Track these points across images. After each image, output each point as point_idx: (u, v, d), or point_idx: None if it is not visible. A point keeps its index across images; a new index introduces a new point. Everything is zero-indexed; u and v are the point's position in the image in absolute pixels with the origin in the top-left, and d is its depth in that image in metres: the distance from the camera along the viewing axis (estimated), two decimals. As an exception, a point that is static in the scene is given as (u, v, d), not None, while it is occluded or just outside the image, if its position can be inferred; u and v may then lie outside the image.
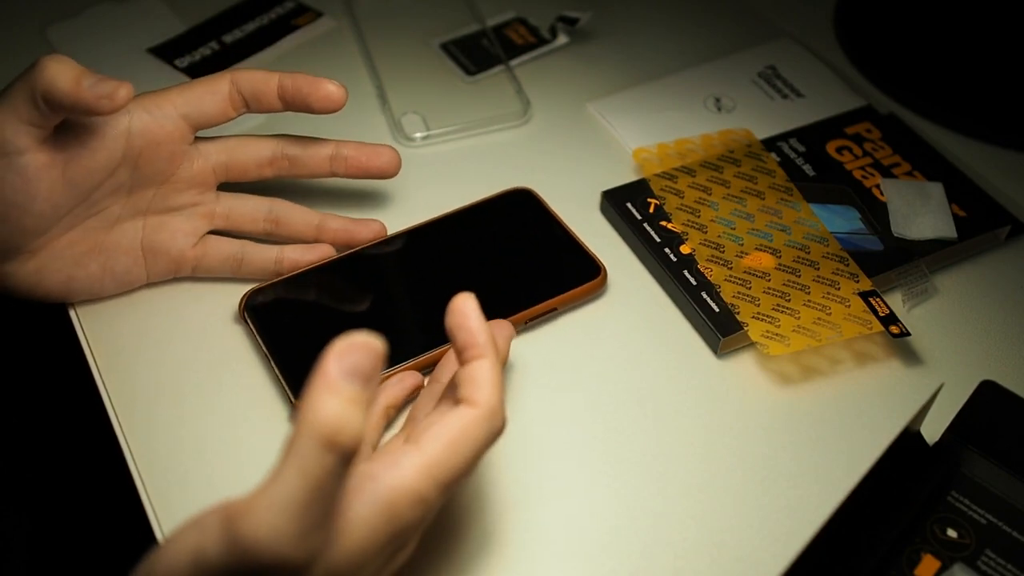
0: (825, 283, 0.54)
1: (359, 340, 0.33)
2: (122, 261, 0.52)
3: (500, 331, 0.48)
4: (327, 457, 0.32)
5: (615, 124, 0.65)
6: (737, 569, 0.44)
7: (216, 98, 0.51)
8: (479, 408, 0.38)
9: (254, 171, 0.54)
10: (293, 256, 0.54)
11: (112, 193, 0.50)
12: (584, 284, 0.54)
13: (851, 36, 0.72)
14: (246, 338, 0.52)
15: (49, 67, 0.44)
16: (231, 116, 0.52)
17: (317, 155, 0.54)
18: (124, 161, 0.49)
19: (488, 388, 0.39)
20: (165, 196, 0.52)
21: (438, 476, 0.37)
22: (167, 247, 0.53)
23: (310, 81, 0.52)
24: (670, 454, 0.48)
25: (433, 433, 0.37)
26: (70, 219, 0.49)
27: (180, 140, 0.51)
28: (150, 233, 0.52)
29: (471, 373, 0.39)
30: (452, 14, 0.72)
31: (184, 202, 0.53)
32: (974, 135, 0.66)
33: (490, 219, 0.57)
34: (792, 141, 0.62)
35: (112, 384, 0.50)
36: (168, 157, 0.51)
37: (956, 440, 0.47)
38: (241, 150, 0.53)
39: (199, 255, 0.53)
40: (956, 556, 0.44)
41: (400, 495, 0.36)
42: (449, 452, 0.37)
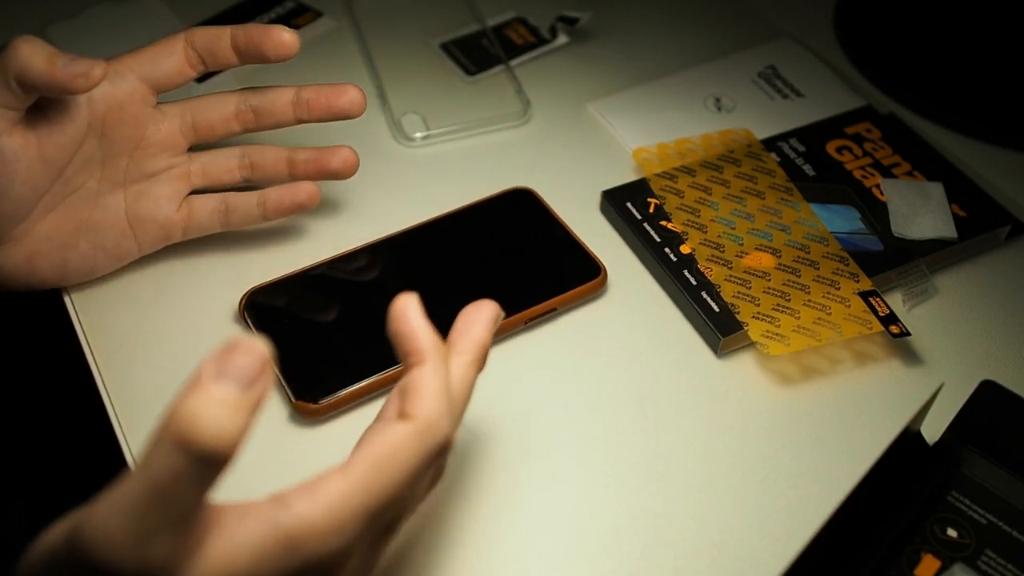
0: (825, 283, 0.54)
1: (238, 342, 0.30)
2: (110, 236, 0.52)
3: (478, 314, 0.41)
4: (175, 457, 0.29)
5: (615, 124, 0.65)
6: (737, 569, 0.44)
7: (172, 58, 0.51)
8: (414, 422, 0.35)
9: (221, 127, 0.53)
10: (274, 196, 0.54)
11: (85, 167, 0.50)
12: (584, 284, 0.54)
13: (851, 36, 0.72)
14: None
15: (21, 49, 0.44)
16: (190, 75, 0.51)
17: (279, 101, 0.53)
18: (90, 131, 0.50)
19: (427, 399, 0.36)
20: (139, 163, 0.52)
21: (360, 505, 0.33)
22: (152, 215, 0.53)
23: (262, 29, 0.51)
24: (670, 454, 0.48)
25: (361, 455, 0.34)
26: (49, 200, 0.49)
27: (141, 102, 0.51)
28: (132, 203, 0.52)
29: (411, 382, 0.36)
30: (452, 14, 0.72)
31: (158, 167, 0.53)
32: (974, 135, 0.66)
33: (490, 219, 0.57)
34: (792, 141, 0.62)
35: (112, 384, 0.50)
36: (132, 122, 0.51)
37: (956, 440, 0.47)
38: (205, 107, 0.53)
39: (185, 217, 0.54)
40: (956, 556, 0.44)
41: (307, 527, 0.33)
42: (375, 476, 0.34)
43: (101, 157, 0.51)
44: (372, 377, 0.49)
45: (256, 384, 0.30)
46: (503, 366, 0.52)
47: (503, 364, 0.52)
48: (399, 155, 0.63)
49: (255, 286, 0.53)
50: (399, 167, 0.62)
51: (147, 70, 0.50)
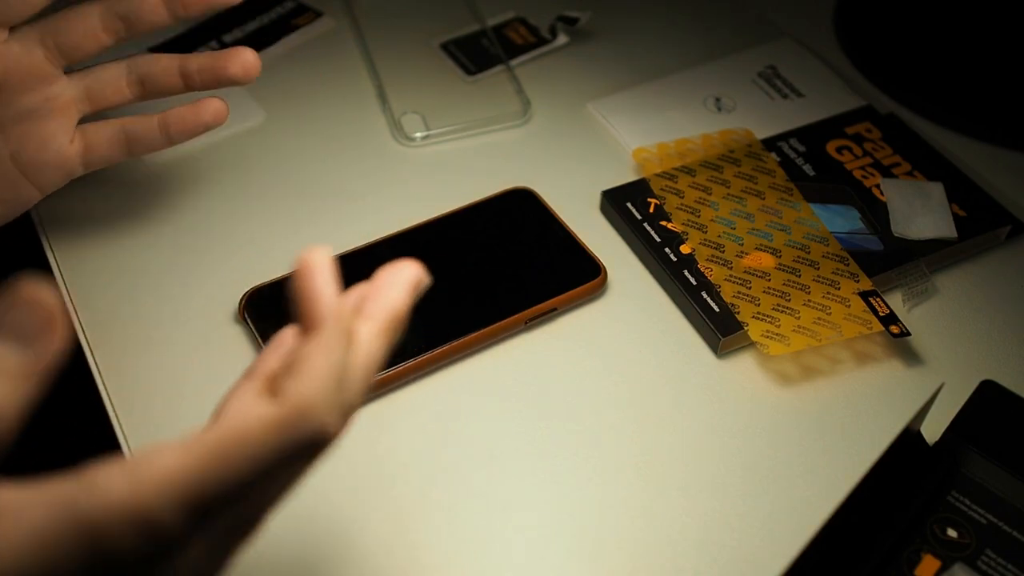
0: (825, 283, 0.54)
1: (29, 291, 0.26)
2: (2, 186, 0.49)
3: (396, 276, 0.34)
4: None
5: (615, 124, 0.65)
6: (737, 569, 0.44)
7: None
8: (282, 406, 0.29)
9: (90, 42, 0.48)
10: (176, 117, 0.51)
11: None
12: (584, 284, 0.54)
13: (851, 36, 0.72)
14: (246, 338, 0.52)
15: None
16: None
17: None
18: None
19: (307, 380, 0.29)
20: (11, 103, 0.48)
21: (186, 494, 0.27)
22: (42, 156, 0.49)
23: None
24: (670, 454, 0.48)
25: (208, 435, 0.28)
26: None
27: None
28: (18, 148, 0.49)
29: (297, 355, 0.30)
30: (452, 14, 0.72)
31: (34, 101, 0.49)
32: (974, 135, 0.66)
33: (490, 219, 0.57)
34: (792, 141, 0.62)
35: (112, 383, 0.50)
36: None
37: (956, 440, 0.47)
38: (64, 25, 0.48)
39: (81, 149, 0.50)
40: (956, 556, 0.44)
41: (112, 513, 0.26)
42: (213, 462, 0.27)
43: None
44: None
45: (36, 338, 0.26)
46: (504, 366, 0.52)
47: (504, 364, 0.52)
48: (399, 155, 0.63)
49: (255, 286, 0.53)
50: (399, 167, 0.62)
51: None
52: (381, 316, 0.33)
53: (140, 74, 0.50)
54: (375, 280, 0.34)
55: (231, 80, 0.50)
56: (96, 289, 0.54)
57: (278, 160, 0.61)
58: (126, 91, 0.51)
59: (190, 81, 0.50)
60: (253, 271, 0.55)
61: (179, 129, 0.51)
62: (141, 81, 0.50)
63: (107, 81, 0.50)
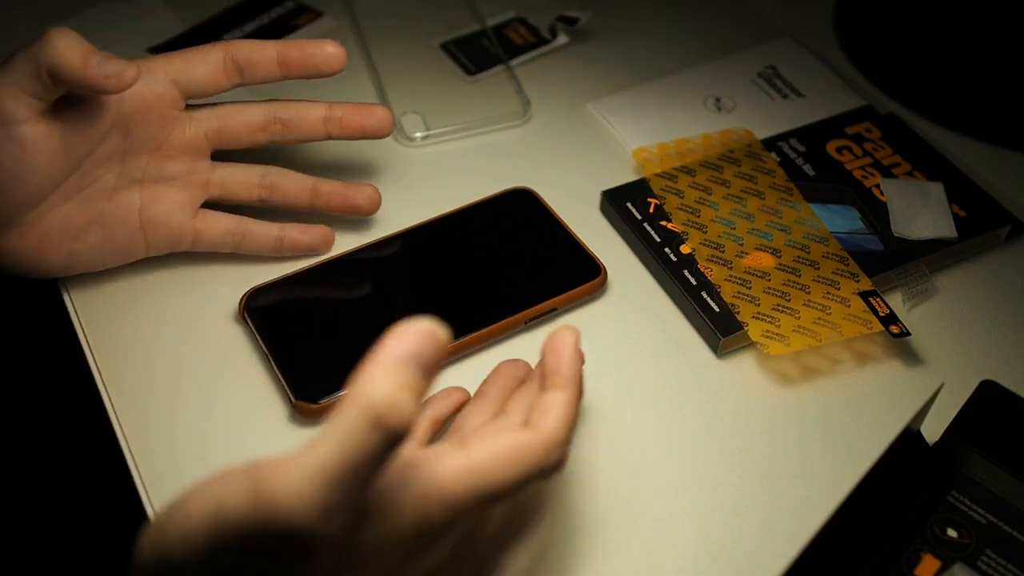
0: (825, 283, 0.54)
1: (422, 327, 0.31)
2: (121, 233, 0.52)
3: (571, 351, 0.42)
4: (371, 435, 0.30)
5: (615, 124, 0.65)
6: (737, 569, 0.44)
7: (208, 67, 0.51)
8: (538, 434, 0.37)
9: (247, 136, 0.53)
10: (293, 235, 0.54)
11: (105, 161, 0.50)
12: (584, 284, 0.54)
13: (851, 36, 0.72)
14: (246, 338, 0.52)
15: (56, 41, 0.44)
16: (224, 86, 0.51)
17: (310, 116, 0.53)
18: (115, 126, 0.49)
19: (555, 419, 0.37)
20: (159, 164, 0.52)
21: (477, 483, 0.35)
22: (165, 219, 0.52)
23: (312, 40, 0.51)
24: (670, 454, 0.48)
25: (483, 442, 0.36)
26: (65, 190, 0.49)
27: (170, 105, 0.50)
28: (147, 204, 0.52)
29: (545, 401, 0.38)
30: (452, 14, 0.72)
31: (178, 170, 0.52)
32: (974, 135, 0.66)
33: (490, 219, 0.57)
34: (792, 141, 0.62)
35: (112, 383, 0.50)
36: (159, 122, 0.50)
37: (956, 440, 0.47)
38: (233, 115, 0.53)
39: (198, 228, 0.53)
40: (956, 556, 0.44)
41: (433, 491, 0.34)
42: (494, 464, 0.35)
43: (123, 153, 0.50)
44: None
45: (431, 371, 0.32)
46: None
47: (503, 364, 0.52)
48: (399, 155, 0.63)
49: (256, 285, 0.53)
50: (399, 167, 0.62)
51: (181, 75, 0.50)
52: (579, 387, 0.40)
53: (273, 181, 0.54)
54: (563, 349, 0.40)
55: (355, 210, 0.55)
56: (97, 288, 0.54)
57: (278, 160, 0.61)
58: (255, 192, 0.54)
59: (316, 202, 0.55)
60: (253, 271, 0.55)
61: (292, 247, 0.54)
62: (272, 187, 0.54)
63: (243, 178, 0.54)
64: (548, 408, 0.38)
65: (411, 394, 0.31)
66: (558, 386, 0.39)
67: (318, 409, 0.48)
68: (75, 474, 0.71)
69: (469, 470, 0.35)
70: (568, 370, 0.39)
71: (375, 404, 0.30)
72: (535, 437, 0.36)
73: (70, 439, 0.71)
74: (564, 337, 0.40)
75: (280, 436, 0.48)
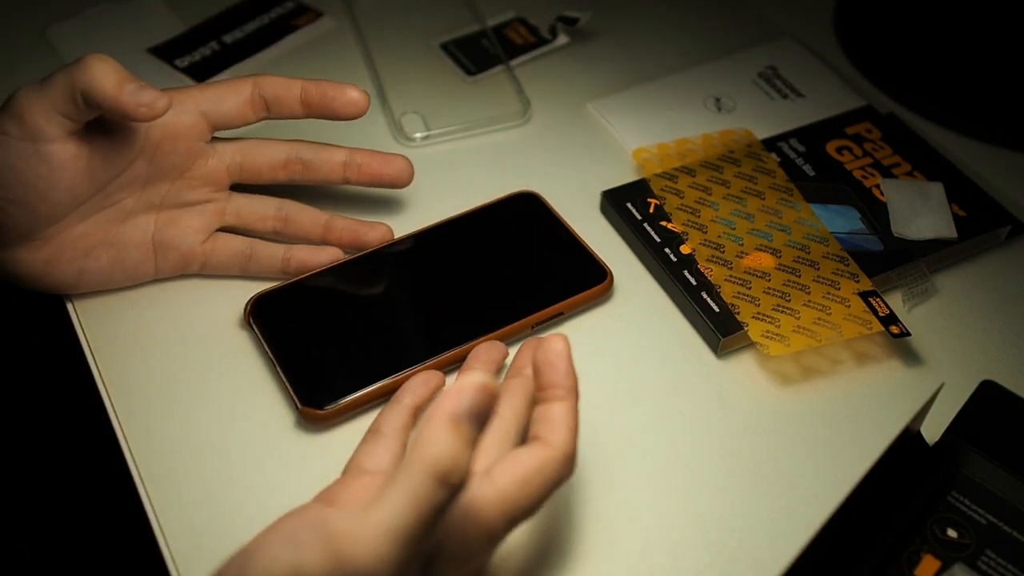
0: (825, 283, 0.54)
1: (478, 381, 0.33)
2: (133, 255, 0.52)
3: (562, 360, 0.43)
4: (440, 492, 0.32)
5: (615, 124, 0.65)
6: (737, 569, 0.44)
7: (238, 99, 0.51)
8: (554, 451, 0.38)
9: (267, 173, 0.54)
10: (300, 256, 0.54)
11: (128, 185, 0.51)
12: (591, 289, 0.54)
13: (851, 36, 0.72)
14: (251, 343, 0.52)
15: (93, 66, 0.45)
16: (250, 119, 0.52)
17: (330, 161, 0.54)
18: (142, 154, 0.50)
19: (564, 432, 0.39)
20: (179, 192, 0.53)
21: (508, 512, 0.37)
22: (177, 243, 0.53)
23: (335, 85, 0.52)
24: (670, 454, 0.48)
25: (508, 470, 0.38)
26: (85, 209, 0.50)
27: (197, 137, 0.51)
28: (161, 228, 0.53)
29: (550, 413, 0.39)
30: (452, 14, 0.72)
31: (197, 198, 0.53)
32: (974, 135, 0.66)
33: (496, 223, 0.57)
34: (792, 141, 0.62)
35: (115, 389, 0.50)
36: (184, 152, 0.51)
37: (956, 440, 0.47)
38: (256, 152, 0.54)
39: (208, 251, 0.54)
40: (956, 556, 0.44)
41: (473, 528, 0.36)
42: (521, 489, 0.37)
43: (145, 179, 0.51)
44: (378, 383, 0.49)
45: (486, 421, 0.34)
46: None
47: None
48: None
49: (260, 291, 0.53)
50: (399, 167, 0.62)
51: (210, 106, 0.51)
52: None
53: (288, 214, 0.55)
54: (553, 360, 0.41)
55: (364, 247, 0.55)
56: (100, 293, 0.54)
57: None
58: (269, 223, 0.55)
59: (328, 237, 0.55)
60: (258, 277, 0.55)
61: (298, 268, 0.54)
62: (286, 220, 0.55)
63: (257, 209, 0.55)
64: (556, 421, 0.39)
65: (470, 447, 0.33)
66: (560, 397, 0.40)
67: (324, 415, 0.48)
68: (77, 476, 0.71)
69: (502, 501, 0.37)
70: (567, 380, 0.40)
71: (441, 463, 0.32)
72: (552, 453, 0.38)
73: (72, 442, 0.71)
74: (557, 347, 0.40)
75: (286, 443, 0.48)
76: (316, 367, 0.49)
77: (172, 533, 0.45)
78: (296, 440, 0.48)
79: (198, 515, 0.45)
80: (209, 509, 0.46)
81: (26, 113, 0.46)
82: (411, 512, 0.32)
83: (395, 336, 0.51)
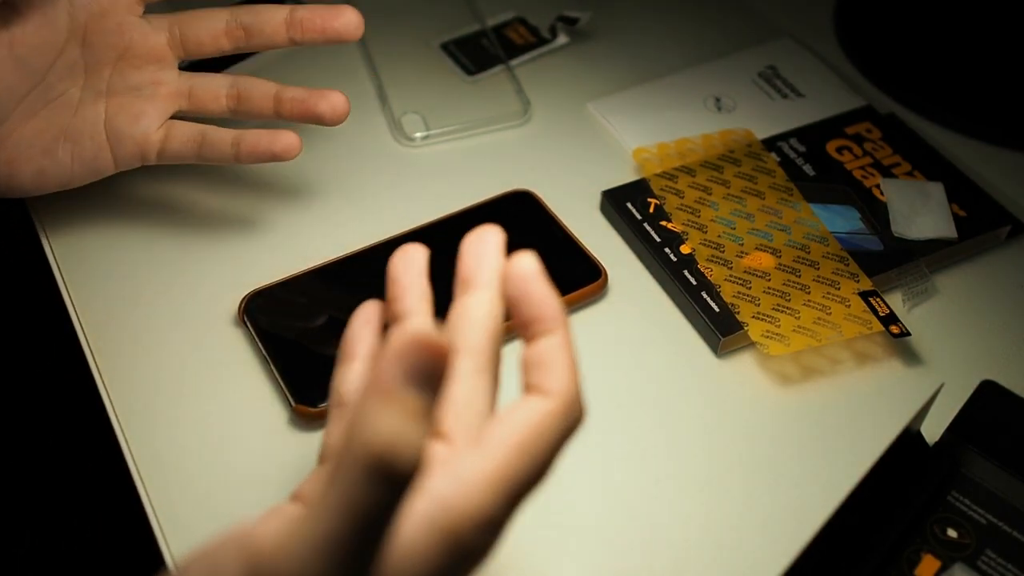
0: (825, 283, 0.54)
1: (411, 334, 0.26)
2: (88, 147, 0.51)
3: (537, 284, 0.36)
4: (378, 489, 0.25)
5: (615, 124, 0.65)
6: (737, 569, 0.44)
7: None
8: (554, 399, 0.32)
9: (209, 43, 0.52)
10: (251, 139, 0.52)
11: (68, 74, 0.50)
12: (585, 287, 0.54)
13: (851, 36, 0.72)
14: (246, 341, 0.52)
15: None
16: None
17: (272, 20, 0.52)
18: (71, 36, 0.49)
19: (563, 372, 0.32)
20: (123, 74, 0.51)
21: (508, 489, 0.30)
22: (131, 130, 0.51)
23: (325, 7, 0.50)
24: (669, 454, 0.48)
25: (499, 435, 0.31)
26: (29, 104, 0.49)
27: (125, 10, 0.50)
28: (113, 116, 0.51)
29: (539, 354, 0.33)
30: (452, 14, 0.72)
31: (143, 80, 0.51)
32: (974, 135, 0.66)
33: (490, 221, 0.57)
34: (792, 141, 0.62)
35: (112, 384, 0.50)
36: (116, 29, 0.50)
37: (956, 440, 0.47)
38: (193, 21, 0.52)
39: (162, 138, 0.52)
40: (956, 556, 0.44)
41: (466, 521, 0.30)
42: (521, 458, 0.31)
43: (84, 65, 0.50)
44: None
45: (438, 381, 0.26)
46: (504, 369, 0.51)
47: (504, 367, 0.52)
48: (399, 155, 0.63)
49: (254, 288, 0.53)
50: (399, 167, 0.62)
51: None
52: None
53: (240, 90, 0.52)
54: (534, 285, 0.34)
55: (318, 118, 0.52)
56: (96, 290, 0.54)
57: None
58: (223, 103, 0.53)
59: (280, 108, 0.52)
60: (253, 273, 0.55)
61: (249, 151, 0.52)
62: (239, 97, 0.52)
63: (210, 88, 0.52)
64: (550, 361, 0.33)
65: (415, 422, 0.25)
66: (549, 331, 0.33)
67: (318, 413, 0.48)
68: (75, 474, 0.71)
69: (497, 478, 0.30)
70: (549, 309, 0.33)
71: (374, 448, 0.25)
72: (552, 405, 0.32)
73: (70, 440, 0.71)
74: (525, 270, 0.34)
75: (280, 441, 0.48)
76: (310, 365, 0.49)
77: (168, 526, 0.45)
78: (290, 438, 0.48)
79: (195, 511, 0.46)
80: (206, 504, 0.46)
81: None
82: (339, 518, 0.26)
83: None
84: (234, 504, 0.46)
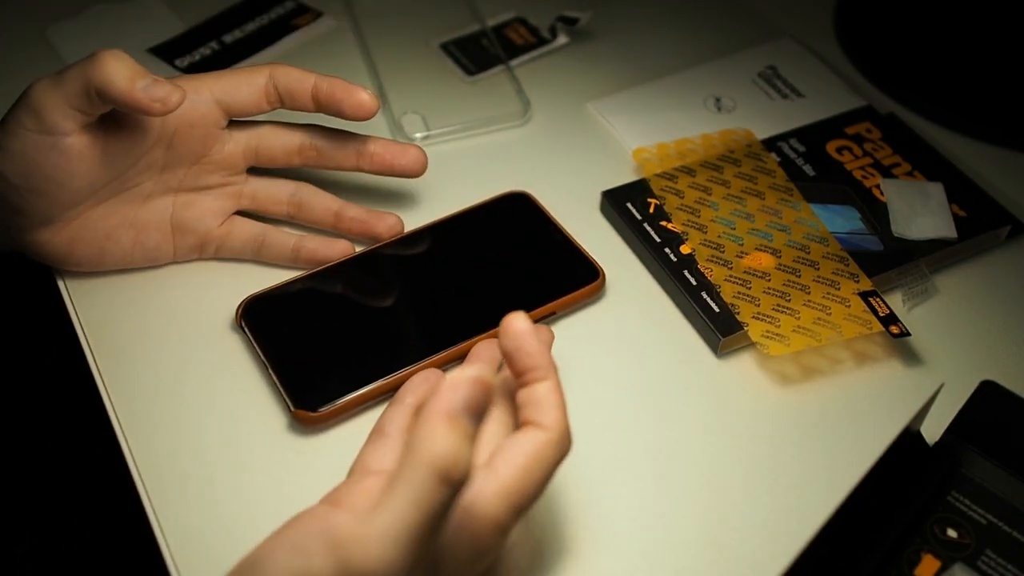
0: (825, 283, 0.54)
1: (473, 375, 0.34)
2: (152, 236, 0.53)
3: (544, 337, 0.46)
4: (441, 490, 0.33)
5: (615, 124, 0.65)
6: (737, 569, 0.44)
7: (252, 89, 0.52)
8: (548, 431, 0.38)
9: (282, 158, 0.55)
10: (311, 246, 0.55)
11: (146, 170, 0.52)
12: (582, 288, 0.54)
13: (851, 36, 0.72)
14: (243, 346, 0.52)
15: (107, 63, 0.45)
16: (264, 109, 0.53)
17: (344, 148, 0.55)
18: (159, 141, 0.51)
19: (555, 410, 0.39)
20: (196, 175, 0.53)
21: (514, 502, 0.37)
22: (195, 225, 0.54)
23: (344, 87, 0.52)
24: (670, 454, 0.48)
25: (506, 458, 0.37)
26: (104, 193, 0.51)
27: (213, 124, 0.52)
28: (180, 210, 0.54)
29: (534, 396, 0.39)
30: (452, 14, 0.72)
31: (214, 182, 0.54)
32: (974, 135, 0.66)
33: (487, 223, 0.57)
34: (792, 141, 0.62)
35: (112, 386, 0.50)
36: (201, 139, 0.52)
37: (956, 440, 0.47)
38: (271, 137, 0.54)
39: (224, 235, 0.55)
40: (956, 556, 0.44)
41: (481, 523, 0.36)
42: (524, 477, 0.37)
43: (163, 164, 0.52)
44: (372, 384, 0.49)
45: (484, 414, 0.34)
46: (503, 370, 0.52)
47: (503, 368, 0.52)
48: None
49: (252, 293, 0.53)
50: (399, 167, 0.62)
51: (225, 95, 0.52)
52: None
53: (302, 199, 0.56)
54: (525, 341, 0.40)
55: (375, 238, 0.56)
56: (96, 295, 0.54)
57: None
58: (284, 208, 0.56)
59: (339, 225, 0.56)
60: (251, 278, 0.55)
61: (308, 259, 0.55)
62: (300, 205, 0.56)
63: (272, 193, 0.56)
64: (544, 401, 0.39)
65: (469, 442, 0.33)
66: (541, 377, 0.39)
67: (317, 417, 0.48)
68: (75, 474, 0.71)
69: (506, 493, 0.37)
70: (542, 359, 0.39)
71: (440, 460, 0.32)
72: (547, 435, 0.38)
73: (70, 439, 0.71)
74: (517, 329, 0.39)
75: (279, 445, 0.48)
76: (308, 369, 0.49)
77: (168, 526, 0.45)
78: (290, 443, 0.48)
79: (195, 513, 0.46)
80: (206, 507, 0.46)
81: (42, 108, 0.47)
82: (414, 513, 0.33)
83: (386, 337, 0.51)
84: (234, 505, 0.46)
